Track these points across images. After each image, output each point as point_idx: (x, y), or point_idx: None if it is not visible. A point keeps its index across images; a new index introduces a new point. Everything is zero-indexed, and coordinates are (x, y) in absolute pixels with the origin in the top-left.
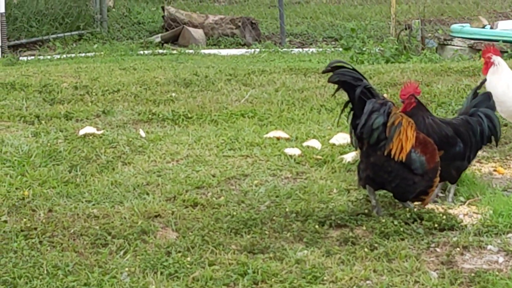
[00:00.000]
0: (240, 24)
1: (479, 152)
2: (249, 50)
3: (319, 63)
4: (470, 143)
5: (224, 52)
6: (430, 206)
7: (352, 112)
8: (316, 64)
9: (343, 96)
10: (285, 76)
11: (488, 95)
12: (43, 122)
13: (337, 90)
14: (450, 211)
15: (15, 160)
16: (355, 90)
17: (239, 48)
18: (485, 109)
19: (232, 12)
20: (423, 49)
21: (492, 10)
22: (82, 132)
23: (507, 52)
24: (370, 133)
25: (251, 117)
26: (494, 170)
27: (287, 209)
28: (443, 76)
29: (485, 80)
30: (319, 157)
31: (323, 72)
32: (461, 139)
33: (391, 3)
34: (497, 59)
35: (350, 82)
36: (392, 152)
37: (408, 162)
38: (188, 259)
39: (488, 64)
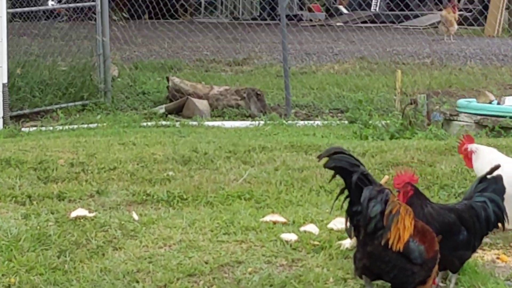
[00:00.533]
0: (245, 95)
1: None
2: (254, 122)
3: (323, 138)
4: (474, 230)
5: (228, 124)
6: None
7: (348, 199)
8: (320, 139)
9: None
10: (285, 153)
11: (496, 179)
12: (34, 202)
13: (334, 176)
14: None
15: (3, 244)
16: (351, 177)
17: (243, 120)
18: (491, 194)
19: (238, 82)
20: (428, 124)
21: (501, 81)
22: (73, 214)
23: None
24: (368, 222)
25: (247, 199)
26: (497, 258)
27: None
28: (447, 156)
29: (498, 165)
30: (316, 242)
31: (319, 157)
32: (464, 226)
33: (397, 77)
34: (473, 146)
35: (346, 168)
36: (390, 242)
37: (406, 251)
38: None
39: (468, 156)
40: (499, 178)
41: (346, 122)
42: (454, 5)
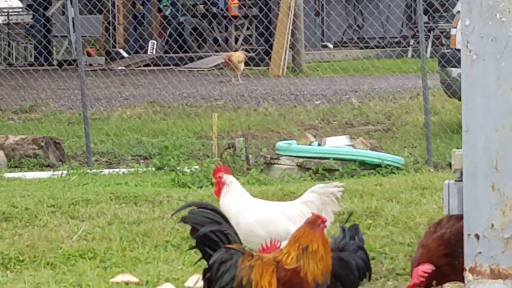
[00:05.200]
0: (43, 144)
1: None
2: (56, 172)
3: (137, 186)
4: (349, 284)
5: (29, 175)
6: None
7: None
8: (135, 187)
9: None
10: (114, 206)
11: (356, 227)
12: None
13: (191, 232)
14: None
15: None
16: (204, 234)
17: (43, 170)
18: (355, 242)
19: (30, 130)
20: (248, 169)
21: (299, 121)
22: None
23: (338, 170)
24: None
25: (91, 258)
26: None
27: None
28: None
29: (351, 213)
30: None
31: (173, 214)
32: (339, 281)
33: (213, 121)
34: (228, 178)
35: (203, 224)
36: None
37: None
38: None
39: (220, 185)
40: (358, 227)
41: (153, 169)
42: (243, 48)
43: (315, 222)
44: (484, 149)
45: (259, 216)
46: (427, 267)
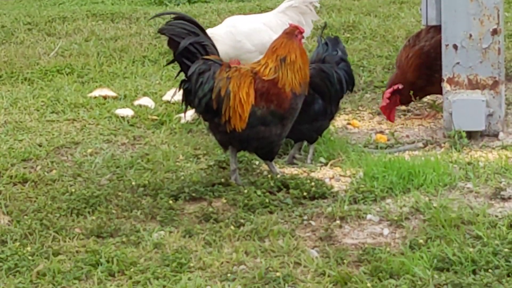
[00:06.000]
0: None
1: None
2: None
3: (114, 5)
4: (329, 96)
5: None
6: (291, 170)
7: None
8: (111, 6)
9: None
10: (91, 23)
11: (337, 38)
12: None
13: (169, 44)
14: (313, 174)
15: None
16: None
17: None
18: (339, 54)
19: None
20: None
21: None
22: None
23: None
24: (198, 103)
25: (68, 73)
26: (348, 124)
27: (133, 183)
28: None
29: (325, 23)
30: (154, 117)
31: (150, 18)
32: (318, 93)
33: None
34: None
35: (180, 35)
36: (232, 125)
37: (256, 123)
38: (29, 249)
39: None
40: (339, 39)
41: None
42: None
43: (292, 33)
44: None
45: (242, 30)
46: (396, 86)
